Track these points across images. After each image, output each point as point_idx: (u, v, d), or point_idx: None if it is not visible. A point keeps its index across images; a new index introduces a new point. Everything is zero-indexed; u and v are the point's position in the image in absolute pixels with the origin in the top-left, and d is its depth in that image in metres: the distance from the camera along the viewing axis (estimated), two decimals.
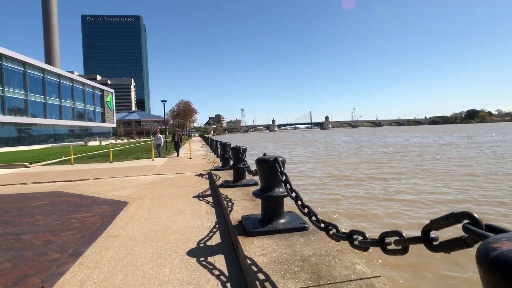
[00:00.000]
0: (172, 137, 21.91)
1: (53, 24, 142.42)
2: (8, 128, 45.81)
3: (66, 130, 62.94)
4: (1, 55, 44.54)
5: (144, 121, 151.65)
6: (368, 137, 70.38)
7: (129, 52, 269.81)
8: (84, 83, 71.28)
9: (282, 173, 2.95)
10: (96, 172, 12.75)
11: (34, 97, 52.05)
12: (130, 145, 43.59)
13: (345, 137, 79.83)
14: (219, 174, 8.56)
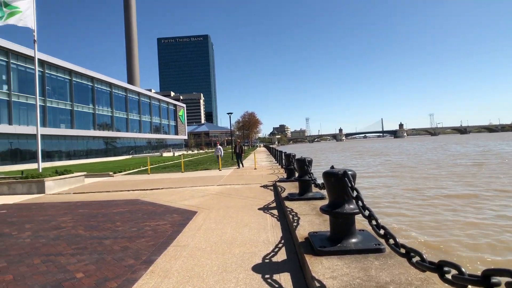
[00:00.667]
0: (234, 149, 21.95)
1: (134, 48, 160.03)
2: (98, 141, 52.37)
3: (145, 142, 69.50)
4: (93, 78, 51.47)
5: (212, 132, 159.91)
6: (451, 146, 63.50)
7: (198, 69, 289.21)
8: (159, 99, 78.29)
9: (353, 188, 2.72)
10: (169, 182, 13.66)
11: (118, 114, 58.78)
12: (199, 156, 46.16)
13: (423, 146, 73.24)
14: (284, 186, 8.44)
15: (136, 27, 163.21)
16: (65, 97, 45.33)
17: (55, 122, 42.98)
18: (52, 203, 9.53)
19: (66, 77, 45.68)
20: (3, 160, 34.51)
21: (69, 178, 13.52)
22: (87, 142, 49.36)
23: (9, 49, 35.56)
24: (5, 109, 35.19)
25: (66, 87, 45.74)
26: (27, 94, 37.78)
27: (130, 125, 62.42)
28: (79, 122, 47.51)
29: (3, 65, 35.42)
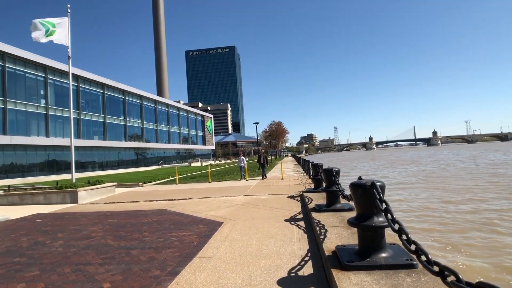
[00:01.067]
0: (257, 159, 21.05)
1: (163, 61, 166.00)
2: (129, 152, 54.40)
3: (174, 153, 71.33)
4: (124, 91, 53.85)
5: (240, 142, 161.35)
6: (490, 154, 59.83)
7: (225, 79, 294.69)
8: (188, 110, 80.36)
9: (381, 200, 2.60)
10: (196, 192, 13.86)
11: (148, 125, 60.90)
12: (226, 166, 46.59)
13: (459, 154, 69.57)
14: (311, 196, 8.28)
15: (165, 40, 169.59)
16: (98, 109, 47.69)
17: (89, 134, 45.24)
18: (84, 212, 9.95)
19: (99, 91, 48.13)
20: (41, 170, 36.67)
21: (101, 188, 14.08)
22: (118, 153, 51.43)
23: (46, 65, 38.11)
24: (42, 122, 37.56)
25: (99, 100, 48.16)
26: (63, 108, 40.14)
27: (159, 136, 64.42)
28: (111, 134, 49.69)
29: (41, 80, 37.98)
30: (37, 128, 36.86)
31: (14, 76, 34.48)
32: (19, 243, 6.19)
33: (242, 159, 20.13)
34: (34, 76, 37.16)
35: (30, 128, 36.06)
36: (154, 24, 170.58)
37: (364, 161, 67.60)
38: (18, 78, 35.05)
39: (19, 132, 34.35)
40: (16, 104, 34.26)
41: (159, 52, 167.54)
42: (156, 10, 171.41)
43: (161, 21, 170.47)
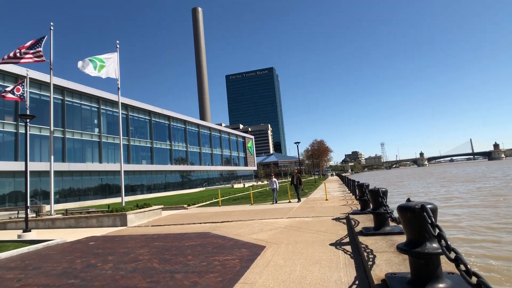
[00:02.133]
0: (291, 180, 19.61)
1: (204, 86, 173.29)
2: (175, 175, 56.60)
3: (217, 174, 72.88)
4: (169, 117, 56.81)
5: (281, 162, 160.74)
6: None
7: (265, 100, 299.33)
8: (229, 132, 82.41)
9: (433, 225, 2.40)
10: (238, 214, 13.90)
11: (192, 148, 63.23)
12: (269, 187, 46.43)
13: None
14: (358, 218, 7.91)
15: (206, 67, 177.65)
16: (146, 135, 50.63)
17: (138, 158, 47.97)
18: (132, 235, 10.40)
19: (146, 118, 51.27)
20: (95, 194, 39.33)
21: (148, 211, 14.70)
22: (165, 176, 53.72)
23: (99, 97, 41.61)
24: (96, 149, 40.63)
25: (147, 127, 51.21)
26: (114, 135, 43.19)
27: (203, 158, 66.45)
28: (158, 158, 52.25)
29: (95, 111, 41.43)
30: (91, 155, 39.92)
31: (72, 108, 38.04)
32: (74, 265, 6.60)
33: (274, 181, 19.14)
34: (89, 107, 40.69)
35: (86, 155, 39.14)
36: (195, 52, 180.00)
37: (416, 178, 63.61)
38: (75, 110, 38.59)
39: (76, 159, 37.41)
40: (73, 133, 37.57)
41: (201, 78, 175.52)
42: (197, 39, 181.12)
43: (202, 49, 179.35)
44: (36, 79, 31.99)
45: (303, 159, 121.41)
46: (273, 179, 19.38)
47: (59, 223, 14.44)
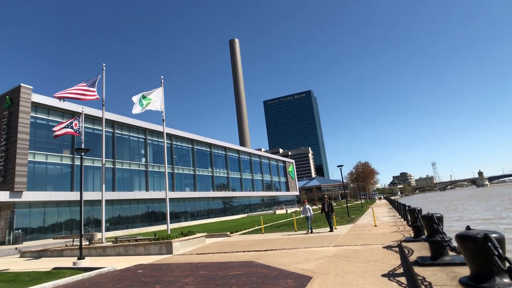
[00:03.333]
0: (321, 207, 18.01)
1: (243, 112, 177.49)
2: (217, 202, 57.39)
3: (258, 200, 72.70)
4: (211, 144, 58.55)
5: (324, 186, 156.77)
6: None
7: (304, 123, 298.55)
8: (269, 157, 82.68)
9: (501, 257, 2.17)
10: (282, 242, 13.63)
11: (233, 174, 64.09)
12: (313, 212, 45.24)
13: None
14: (412, 247, 7.38)
15: (244, 94, 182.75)
16: (189, 163, 52.40)
17: (181, 186, 49.53)
18: (178, 264, 10.57)
19: (189, 146, 53.28)
20: (142, 222, 40.91)
21: (192, 239, 14.94)
22: (207, 202, 54.68)
23: (146, 128, 44.21)
24: (143, 178, 42.70)
25: (189, 155, 53.10)
26: (160, 164, 45.25)
27: (244, 184, 66.94)
28: (200, 185, 53.56)
29: (142, 141, 43.96)
30: (139, 184, 41.97)
31: (121, 140, 40.73)
32: None
33: (307, 208, 17.66)
34: (136, 138, 43.31)
35: (133, 184, 41.23)
36: (233, 81, 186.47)
37: (476, 201, 58.42)
38: (124, 141, 41.25)
39: (125, 188, 39.51)
40: (122, 163, 39.96)
41: (240, 105, 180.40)
42: (235, 68, 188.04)
43: (240, 77, 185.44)
44: (89, 115, 34.92)
45: (347, 183, 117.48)
46: (306, 206, 18.05)
47: (109, 250, 15.13)
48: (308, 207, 17.73)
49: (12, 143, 29.06)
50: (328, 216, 16.76)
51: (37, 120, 31.79)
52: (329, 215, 16.73)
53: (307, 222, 17.17)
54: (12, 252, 22.30)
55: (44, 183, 31.62)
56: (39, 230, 30.65)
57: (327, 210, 16.91)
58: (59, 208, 32.31)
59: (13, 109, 30.02)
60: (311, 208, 17.65)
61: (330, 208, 16.83)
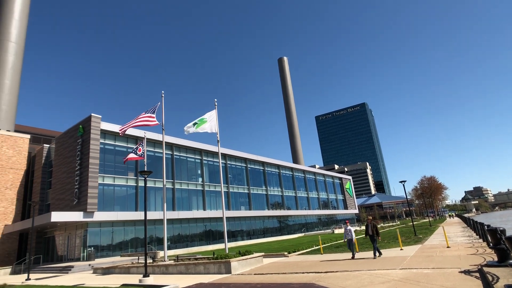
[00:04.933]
0: (365, 229, 16.10)
1: (295, 129, 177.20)
2: (272, 220, 57.08)
3: (315, 219, 70.81)
4: (264, 163, 59.01)
5: (386, 203, 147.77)
6: None
7: (359, 137, 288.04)
8: (324, 174, 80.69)
9: None
10: (343, 263, 13.02)
11: (287, 192, 63.54)
12: None
13: None
14: (496, 273, 6.56)
15: (295, 110, 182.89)
16: (243, 182, 53.22)
17: (237, 205, 50.31)
18: (237, 284, 10.61)
19: (243, 165, 54.28)
20: (200, 240, 42.09)
21: (250, 259, 14.96)
22: (263, 221, 54.65)
23: (202, 149, 46.15)
24: (200, 197, 44.25)
25: (243, 174, 54.00)
26: (215, 183, 46.63)
27: (299, 202, 65.88)
28: (255, 204, 53.89)
29: (198, 162, 45.86)
30: (196, 203, 43.56)
31: (180, 161, 42.95)
32: None
33: (349, 229, 16.03)
34: (193, 159, 45.33)
35: (191, 203, 42.89)
36: (284, 98, 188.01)
37: None
38: (182, 163, 43.42)
39: (184, 207, 41.24)
40: (181, 184, 41.94)
41: (291, 121, 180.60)
42: (284, 86, 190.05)
43: (290, 94, 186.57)
44: (151, 139, 37.51)
45: (412, 199, 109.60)
46: (347, 227, 16.21)
47: (171, 269, 15.75)
48: (349, 228, 16.13)
49: (85, 168, 32.18)
50: (373, 240, 15.14)
51: (105, 146, 34.95)
52: (374, 238, 15.12)
53: (349, 247, 15.70)
54: (86, 268, 24.32)
55: (112, 204, 34.30)
56: (108, 247, 33.06)
57: (372, 233, 15.31)
58: (125, 227, 34.67)
59: (85, 137, 33.42)
60: (352, 230, 16.17)
61: (375, 230, 15.24)
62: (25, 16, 45.55)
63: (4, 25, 42.95)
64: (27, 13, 46.21)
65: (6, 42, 42.34)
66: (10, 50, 42.45)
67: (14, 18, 43.76)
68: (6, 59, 41.82)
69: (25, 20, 45.46)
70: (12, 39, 42.98)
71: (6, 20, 43.23)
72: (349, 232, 15.89)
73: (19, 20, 44.22)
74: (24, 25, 45.27)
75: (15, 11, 44.12)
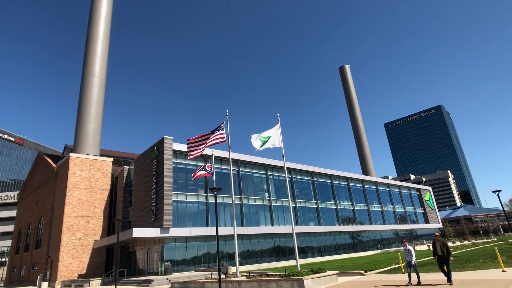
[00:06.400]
0: (433, 249, 13.55)
1: (362, 139, 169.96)
2: (344, 236, 54.59)
3: (392, 234, 65.96)
4: (331, 175, 57.27)
5: (476, 216, 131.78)
6: None
7: (436, 144, 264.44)
8: (399, 185, 75.27)
9: None
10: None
11: (358, 206, 60.48)
12: (465, 249, 38.18)
13: None
14: None
15: (361, 119, 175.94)
16: (310, 196, 52.15)
17: (305, 220, 49.32)
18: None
19: (309, 179, 53.33)
20: (270, 256, 41.91)
21: (324, 277, 14.36)
22: (334, 237, 52.58)
23: (267, 164, 46.57)
24: (268, 212, 44.37)
25: (310, 188, 52.97)
26: (282, 198, 46.45)
27: (372, 216, 62.19)
28: (324, 219, 52.25)
29: (264, 177, 46.28)
30: (264, 218, 43.78)
31: (246, 177, 43.87)
32: None
33: (408, 249, 13.92)
34: (259, 174, 45.94)
35: (259, 219, 43.22)
36: (348, 107, 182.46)
37: None
38: (248, 178, 44.28)
39: (252, 223, 41.74)
40: (248, 199, 42.66)
41: (358, 131, 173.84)
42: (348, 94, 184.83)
43: (355, 103, 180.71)
44: (218, 156, 39.08)
45: (511, 211, 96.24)
46: (407, 247, 14.06)
47: (244, 285, 15.85)
48: (409, 248, 14.02)
49: (160, 186, 34.64)
50: (445, 261, 12.78)
51: (177, 165, 37.33)
52: (445, 260, 12.80)
53: (408, 269, 13.61)
54: (164, 282, 25.78)
55: (185, 220, 36.19)
56: (183, 262, 34.73)
57: (441, 253, 12.96)
58: (198, 242, 36.18)
59: (159, 158, 36.13)
60: (412, 250, 13.92)
61: (446, 250, 12.87)
62: (105, 54, 51.72)
63: (89, 63, 49.30)
64: (107, 51, 52.45)
65: (91, 77, 48.40)
66: (95, 84, 48.35)
67: (97, 56, 49.96)
68: (92, 92, 47.69)
69: (105, 57, 51.60)
70: (96, 74, 48.98)
71: (91, 58, 49.57)
72: (409, 253, 13.83)
73: (101, 58, 50.35)
74: (105, 61, 51.37)
75: (98, 50, 50.40)
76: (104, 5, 53.85)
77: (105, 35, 52.61)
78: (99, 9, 53.25)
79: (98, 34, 51.42)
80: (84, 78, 48.48)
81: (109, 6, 54.84)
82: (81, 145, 44.58)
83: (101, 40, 51.37)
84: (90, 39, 51.05)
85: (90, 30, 51.88)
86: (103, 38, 51.90)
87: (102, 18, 52.99)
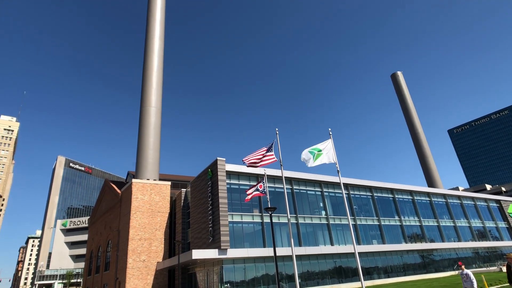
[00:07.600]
0: (507, 273, 11.27)
1: (424, 149, 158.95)
2: (412, 255, 50.52)
3: (470, 253, 59.53)
4: (393, 189, 53.99)
5: None
6: None
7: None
8: (473, 197, 68.44)
9: None
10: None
11: (426, 222, 55.86)
12: None
13: None
14: None
15: (421, 127, 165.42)
16: (371, 213, 49.47)
17: (367, 238, 46.71)
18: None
19: (368, 194, 50.79)
20: (332, 278, 40.11)
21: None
22: (401, 256, 48.92)
23: (321, 181, 45.43)
24: (326, 231, 42.87)
25: (370, 203, 50.35)
26: (340, 216, 44.70)
27: (444, 233, 56.96)
28: (388, 236, 49.01)
29: (319, 194, 45.10)
30: (322, 238, 42.37)
31: (300, 195, 43.18)
32: None
33: (466, 274, 11.93)
34: (313, 192, 44.94)
35: (318, 238, 41.92)
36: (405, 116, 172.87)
37: None
38: (303, 196, 43.51)
39: (310, 242, 40.59)
40: (304, 218, 41.76)
41: (418, 140, 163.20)
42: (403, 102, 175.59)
43: (412, 111, 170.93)
44: (270, 175, 39.15)
45: None
46: (464, 271, 12.02)
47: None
48: (467, 272, 11.97)
49: (216, 207, 35.47)
50: None
51: (231, 186, 38.06)
52: None
53: None
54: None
55: (242, 241, 36.37)
56: (242, 284, 34.66)
57: None
58: (256, 263, 35.99)
59: (214, 179, 37.19)
60: (471, 274, 11.81)
61: None
62: (160, 84, 55.65)
63: (146, 94, 53.33)
64: (161, 81, 56.39)
65: (148, 107, 52.17)
66: (152, 113, 51.97)
67: (153, 87, 53.94)
68: (149, 121, 51.25)
69: (160, 87, 55.47)
70: (153, 104, 52.70)
71: (147, 90, 53.65)
72: (467, 278, 11.88)
73: (156, 89, 54.27)
74: (160, 91, 55.19)
75: (153, 81, 54.47)
76: (156, 42, 58.42)
77: (159, 67, 56.76)
78: (152, 48, 57.82)
79: (152, 67, 55.70)
80: (142, 109, 52.45)
81: (161, 41, 59.38)
82: (142, 170, 47.70)
83: (156, 72, 55.49)
84: (146, 73, 55.36)
85: (146, 65, 56.36)
86: (157, 70, 56.03)
87: (155, 53, 57.42)
